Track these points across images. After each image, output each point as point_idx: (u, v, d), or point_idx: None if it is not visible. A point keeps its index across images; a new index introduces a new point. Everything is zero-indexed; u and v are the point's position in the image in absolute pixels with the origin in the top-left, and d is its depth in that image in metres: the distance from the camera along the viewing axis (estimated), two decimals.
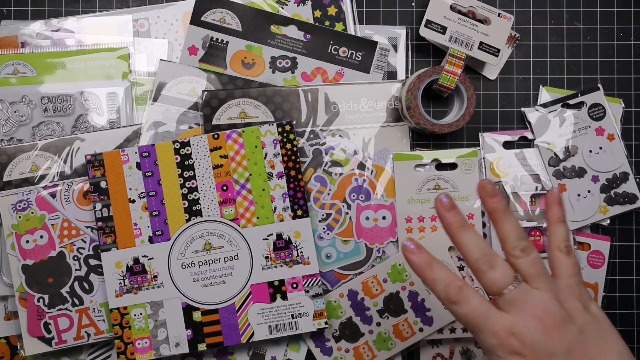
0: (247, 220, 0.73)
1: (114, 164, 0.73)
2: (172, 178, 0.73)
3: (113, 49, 0.77)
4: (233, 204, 0.73)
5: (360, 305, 0.76)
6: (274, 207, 0.73)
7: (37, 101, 0.76)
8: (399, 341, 0.76)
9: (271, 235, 0.73)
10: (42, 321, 0.74)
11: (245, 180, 0.73)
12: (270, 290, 0.73)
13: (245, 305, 0.73)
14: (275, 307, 0.73)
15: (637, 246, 0.80)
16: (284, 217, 0.73)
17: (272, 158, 0.73)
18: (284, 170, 0.73)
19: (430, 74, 0.73)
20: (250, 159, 0.73)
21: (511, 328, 0.53)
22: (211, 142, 0.73)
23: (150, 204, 0.73)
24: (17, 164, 0.74)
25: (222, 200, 0.73)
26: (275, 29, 0.78)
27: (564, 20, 0.80)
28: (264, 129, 0.74)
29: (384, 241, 0.76)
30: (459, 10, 0.75)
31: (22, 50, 0.76)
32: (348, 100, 0.77)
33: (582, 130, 0.78)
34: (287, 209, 0.73)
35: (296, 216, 0.73)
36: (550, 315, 0.53)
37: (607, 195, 0.78)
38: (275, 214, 0.73)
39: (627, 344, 0.79)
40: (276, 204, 0.73)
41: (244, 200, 0.73)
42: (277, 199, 0.73)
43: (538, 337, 0.52)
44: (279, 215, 0.73)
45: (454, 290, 0.55)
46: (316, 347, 0.76)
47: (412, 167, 0.76)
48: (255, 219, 0.73)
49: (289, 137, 0.74)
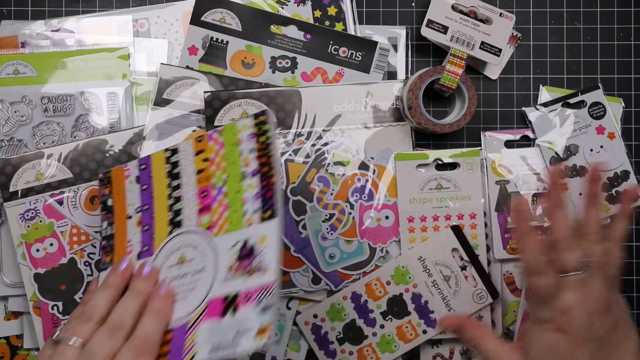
0: (219, 228, 0.64)
1: (119, 180, 0.70)
2: (162, 189, 0.68)
3: (113, 49, 0.76)
4: (210, 211, 0.65)
5: (363, 307, 0.76)
6: (245, 211, 0.63)
7: (37, 101, 0.75)
8: (402, 343, 0.76)
9: (238, 243, 0.62)
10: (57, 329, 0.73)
11: (223, 184, 0.65)
12: (224, 304, 0.61)
13: (197, 323, 0.61)
14: (222, 323, 0.60)
15: (637, 246, 0.80)
16: (252, 221, 0.62)
17: (248, 155, 0.64)
18: (258, 167, 0.63)
19: (432, 74, 0.73)
20: (228, 159, 0.65)
21: (567, 307, 0.58)
22: (196, 145, 0.67)
23: (143, 218, 0.68)
24: (22, 174, 0.74)
25: (201, 207, 0.65)
26: (275, 29, 0.78)
27: (564, 20, 0.80)
28: (242, 123, 0.65)
29: (387, 241, 0.76)
30: (460, 10, 0.75)
31: (22, 50, 0.75)
32: (350, 100, 0.77)
33: (582, 129, 0.78)
34: (257, 211, 0.62)
35: (264, 219, 0.61)
36: (600, 303, 0.57)
37: (608, 194, 0.78)
38: (245, 219, 0.63)
39: None
40: (247, 206, 0.63)
41: (219, 206, 0.65)
42: (249, 201, 0.63)
43: (585, 320, 0.57)
44: (248, 220, 0.62)
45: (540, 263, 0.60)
46: (320, 350, 0.76)
47: (414, 167, 0.76)
48: (227, 225, 0.64)
49: (263, 129, 0.64)
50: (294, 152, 0.76)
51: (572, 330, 0.57)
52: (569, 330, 0.57)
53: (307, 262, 0.76)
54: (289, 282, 0.76)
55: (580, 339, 0.57)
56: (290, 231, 0.76)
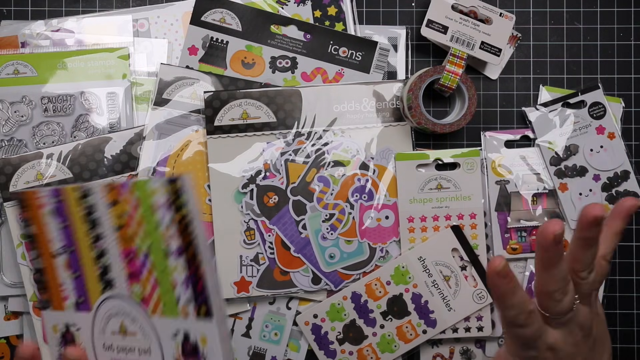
0: (154, 306, 0.54)
1: (34, 208, 0.59)
2: (82, 235, 0.57)
3: (113, 49, 0.76)
4: (139, 281, 0.55)
5: (363, 307, 0.76)
6: (177, 296, 0.53)
7: (37, 101, 0.75)
8: (402, 343, 0.76)
9: (178, 334, 0.54)
10: None
11: (148, 251, 0.54)
12: None
13: None
14: None
15: (637, 246, 0.80)
16: (188, 312, 0.52)
17: (167, 227, 0.52)
18: (182, 247, 0.51)
19: (432, 74, 0.73)
20: (147, 223, 0.53)
21: (553, 344, 0.54)
22: (109, 194, 0.55)
23: (71, 262, 0.58)
24: (22, 174, 0.74)
25: (130, 272, 0.55)
26: (275, 29, 0.78)
27: (564, 20, 0.80)
28: (153, 185, 0.52)
29: (387, 241, 0.76)
30: (460, 10, 0.75)
31: (22, 50, 0.75)
32: (350, 100, 0.77)
33: (582, 129, 0.78)
34: (191, 302, 0.52)
35: (200, 315, 0.52)
36: (583, 330, 0.55)
37: (608, 193, 0.78)
38: (180, 307, 0.53)
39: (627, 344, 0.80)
40: (179, 291, 0.52)
41: (149, 278, 0.54)
42: (179, 286, 0.52)
43: (569, 351, 0.54)
44: (183, 309, 0.53)
45: (525, 315, 0.53)
46: (320, 350, 0.76)
47: (414, 167, 0.76)
48: (161, 307, 0.54)
49: (180, 200, 0.50)
50: (294, 152, 0.76)
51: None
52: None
53: (307, 262, 0.76)
54: (289, 282, 0.76)
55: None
56: (290, 231, 0.76)
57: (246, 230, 0.76)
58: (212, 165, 0.76)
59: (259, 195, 0.76)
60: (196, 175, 0.76)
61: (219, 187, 0.76)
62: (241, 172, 0.76)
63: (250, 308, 0.77)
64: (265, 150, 0.76)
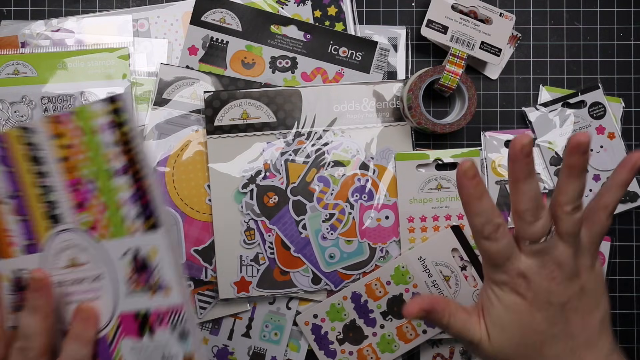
0: (103, 229, 0.57)
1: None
2: (27, 175, 0.58)
3: (113, 49, 0.76)
4: (86, 209, 0.57)
5: (363, 307, 0.76)
6: (125, 215, 0.56)
7: (37, 101, 0.75)
8: (402, 343, 0.76)
9: (129, 252, 0.57)
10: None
11: (94, 178, 0.56)
12: (137, 322, 0.57)
13: (116, 339, 0.58)
14: (144, 344, 0.57)
15: (637, 246, 0.80)
16: (136, 229, 0.56)
17: (110, 148, 0.55)
18: (126, 165, 0.55)
19: (432, 74, 0.73)
20: (90, 149, 0.56)
21: (525, 271, 0.55)
22: (51, 127, 0.57)
23: (18, 207, 0.59)
24: None
25: (76, 203, 0.57)
26: (275, 29, 0.78)
27: (564, 20, 0.80)
28: (93, 107, 0.55)
29: (387, 241, 0.76)
30: (460, 10, 0.75)
31: (22, 50, 0.75)
32: (350, 100, 0.77)
33: (582, 129, 0.78)
34: (140, 217, 0.56)
35: (148, 228, 0.56)
36: (562, 269, 0.54)
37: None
38: (127, 224, 0.56)
39: (626, 344, 0.80)
40: (126, 210, 0.56)
41: (96, 204, 0.57)
42: (125, 204, 0.56)
43: (544, 285, 0.54)
44: (131, 226, 0.56)
45: (493, 227, 0.54)
46: (320, 350, 0.76)
47: (414, 167, 0.76)
48: (111, 229, 0.57)
49: (121, 118, 0.55)
50: (294, 152, 0.76)
51: (530, 294, 0.55)
52: (526, 294, 0.55)
53: (307, 262, 0.76)
54: (289, 282, 0.76)
55: (540, 303, 0.55)
56: (290, 231, 0.76)
57: (246, 230, 0.76)
58: (212, 165, 0.76)
59: (259, 195, 0.76)
60: (196, 175, 0.76)
61: (219, 187, 0.76)
62: (241, 172, 0.76)
63: (250, 308, 0.77)
64: (265, 150, 0.76)
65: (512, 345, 0.56)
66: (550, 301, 0.54)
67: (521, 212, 0.53)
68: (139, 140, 0.55)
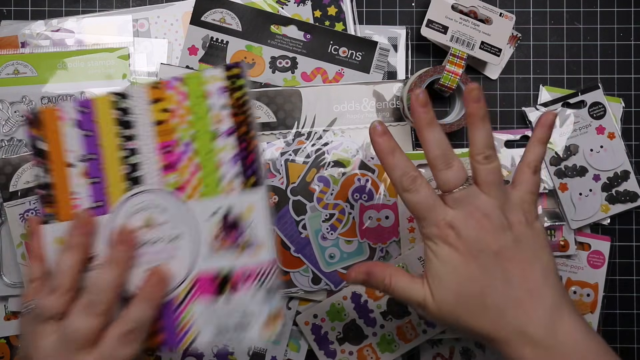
0: (192, 190, 0.59)
1: (52, 121, 0.61)
2: (111, 138, 0.60)
3: (113, 49, 0.76)
4: (177, 170, 0.60)
5: (363, 307, 0.76)
6: (222, 175, 0.59)
7: (37, 101, 0.75)
8: (402, 343, 0.76)
9: (219, 211, 0.59)
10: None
11: (190, 140, 0.60)
12: (217, 281, 0.59)
13: (187, 299, 0.59)
14: (220, 304, 0.59)
15: (637, 246, 0.80)
16: (233, 187, 0.59)
17: (219, 111, 0.59)
18: (234, 126, 0.59)
19: (432, 74, 0.73)
20: (195, 112, 0.60)
21: (451, 221, 0.57)
22: (152, 92, 0.61)
23: (91, 169, 0.60)
24: (22, 174, 0.74)
25: (165, 164, 0.60)
26: (275, 29, 0.78)
27: (564, 20, 0.80)
28: (209, 73, 0.60)
29: (387, 241, 0.76)
30: (460, 10, 0.75)
31: (22, 50, 0.75)
32: (350, 100, 0.77)
33: (582, 129, 0.78)
34: (238, 176, 0.59)
35: (248, 186, 0.59)
36: (489, 219, 0.56)
37: (608, 193, 0.78)
38: (224, 184, 0.59)
39: (626, 344, 0.80)
40: (224, 170, 0.59)
41: (188, 165, 0.60)
42: (225, 164, 0.59)
43: (473, 234, 0.56)
44: (227, 185, 0.59)
45: (409, 179, 0.58)
46: (320, 350, 0.76)
47: None
48: (201, 189, 0.59)
49: (237, 84, 0.59)
50: (294, 152, 0.76)
51: (461, 244, 0.56)
52: (457, 244, 0.56)
53: (307, 262, 0.76)
54: (289, 282, 0.76)
55: (473, 252, 0.56)
56: (290, 231, 0.76)
57: None
58: None
59: None
60: None
61: None
62: None
63: None
64: (265, 150, 0.76)
65: (454, 297, 0.57)
66: (481, 249, 0.56)
67: (431, 159, 0.58)
68: (251, 103, 0.60)
